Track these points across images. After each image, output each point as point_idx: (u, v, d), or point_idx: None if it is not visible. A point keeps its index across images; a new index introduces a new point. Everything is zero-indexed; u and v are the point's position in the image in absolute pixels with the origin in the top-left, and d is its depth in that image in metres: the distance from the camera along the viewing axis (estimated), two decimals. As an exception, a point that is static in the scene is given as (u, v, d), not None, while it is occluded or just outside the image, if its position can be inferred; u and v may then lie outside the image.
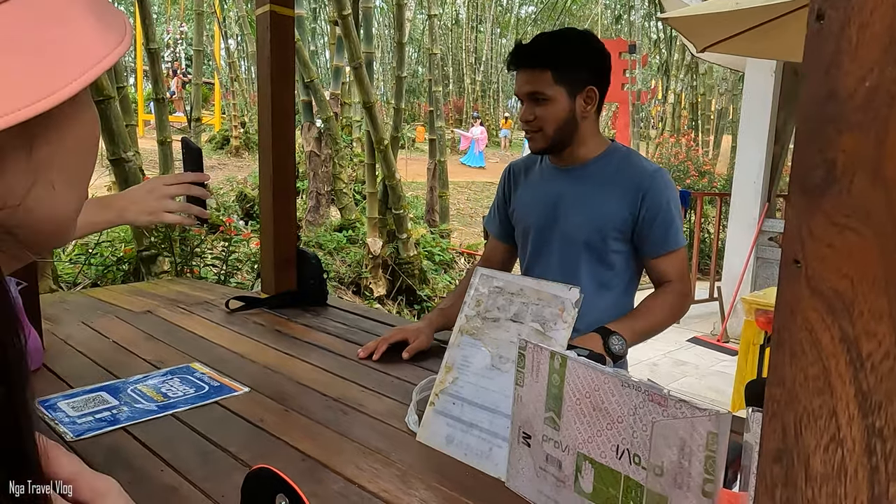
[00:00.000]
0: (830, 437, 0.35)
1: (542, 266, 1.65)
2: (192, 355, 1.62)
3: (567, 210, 1.59)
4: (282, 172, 2.10)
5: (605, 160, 1.58)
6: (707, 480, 0.77)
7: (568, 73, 1.49)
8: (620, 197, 1.53)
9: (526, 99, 1.53)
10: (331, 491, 1.02)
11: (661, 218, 1.51)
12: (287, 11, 2.01)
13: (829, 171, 0.34)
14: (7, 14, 0.30)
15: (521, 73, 1.52)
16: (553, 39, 1.54)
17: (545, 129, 1.52)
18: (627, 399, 0.86)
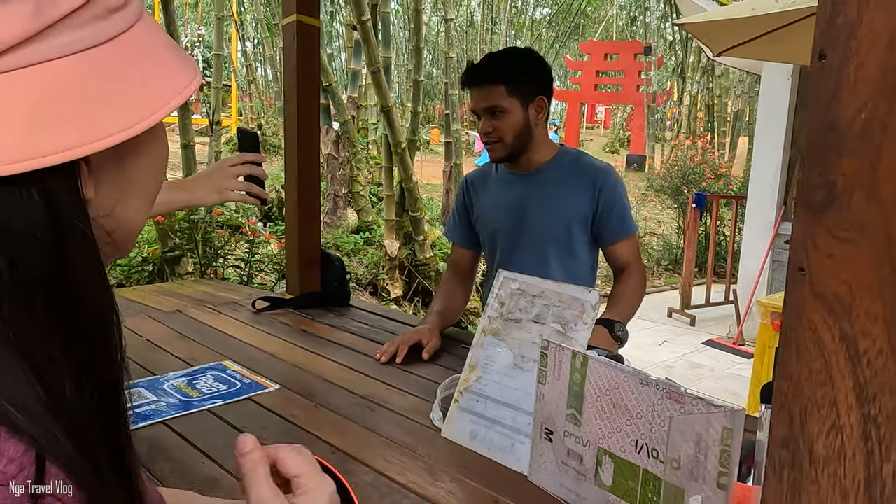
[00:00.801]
0: (831, 424, 0.40)
1: (515, 265, 1.75)
2: (223, 353, 1.69)
3: (533, 211, 1.74)
4: (307, 177, 2.16)
5: (558, 162, 1.75)
6: (722, 473, 0.82)
7: (519, 86, 1.64)
8: (579, 193, 1.70)
9: (483, 113, 1.67)
10: (362, 482, 1.08)
11: (616, 208, 1.70)
12: (313, 21, 2.07)
13: (830, 190, 0.39)
14: (110, 51, 0.37)
15: (476, 90, 1.66)
16: (502, 57, 1.72)
17: (504, 139, 1.67)
18: (646, 396, 0.90)
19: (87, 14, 0.36)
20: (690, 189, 7.65)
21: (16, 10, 0.32)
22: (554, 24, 25.52)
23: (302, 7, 2.03)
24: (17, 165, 0.32)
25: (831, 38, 0.37)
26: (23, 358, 0.34)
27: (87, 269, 0.38)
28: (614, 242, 1.74)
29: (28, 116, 0.33)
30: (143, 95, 0.38)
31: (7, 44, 0.32)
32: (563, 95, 18.67)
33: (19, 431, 0.34)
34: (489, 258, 1.90)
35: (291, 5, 2.03)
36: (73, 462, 0.35)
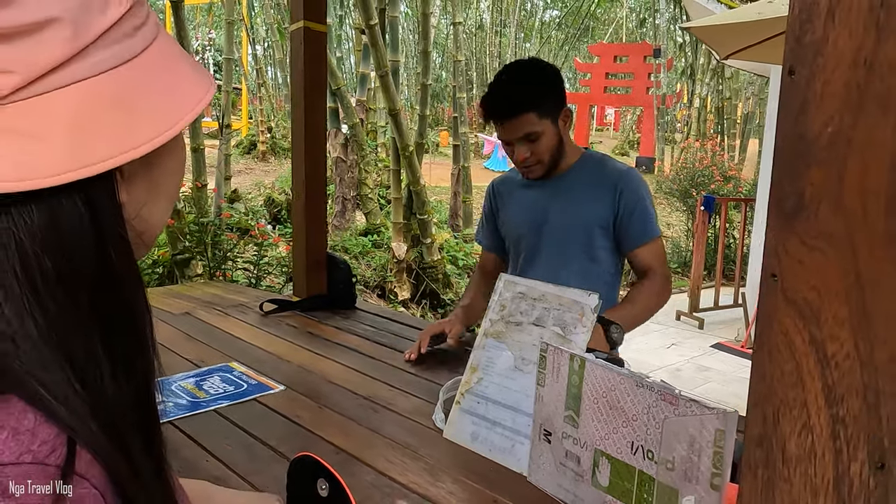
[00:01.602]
0: (802, 424, 0.41)
1: (535, 269, 1.77)
2: (230, 355, 1.71)
3: (555, 216, 1.73)
4: (313, 180, 2.19)
5: (581, 167, 1.74)
6: (715, 474, 0.83)
7: (547, 107, 1.63)
8: (600, 196, 1.68)
9: (517, 142, 1.65)
10: (364, 482, 1.10)
11: (638, 211, 1.67)
12: (320, 27, 2.10)
13: (799, 199, 0.40)
14: (137, 66, 0.40)
15: (506, 124, 1.64)
16: (522, 84, 1.65)
17: (542, 160, 1.67)
18: (642, 398, 0.92)
19: (116, 33, 0.39)
20: (699, 192, 7.63)
21: (55, 35, 0.36)
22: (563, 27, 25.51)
23: (309, 13, 2.06)
24: (64, 176, 0.35)
25: (799, 55, 0.39)
26: (64, 353, 0.37)
27: (124, 269, 0.41)
28: (636, 247, 1.71)
29: (70, 131, 0.36)
30: (168, 106, 0.41)
31: (49, 66, 0.36)
32: (572, 98, 18.62)
33: (54, 418, 0.36)
34: (512, 262, 1.90)
35: (299, 12, 2.06)
36: (107, 451, 0.38)
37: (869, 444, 0.39)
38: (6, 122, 0.35)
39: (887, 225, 0.37)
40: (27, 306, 0.36)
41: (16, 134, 0.35)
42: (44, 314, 0.37)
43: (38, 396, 0.37)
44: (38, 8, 0.35)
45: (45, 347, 0.37)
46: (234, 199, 7.94)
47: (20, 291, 0.36)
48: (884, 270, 0.38)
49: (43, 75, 0.35)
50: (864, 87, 0.37)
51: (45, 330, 0.37)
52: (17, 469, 0.34)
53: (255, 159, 14.87)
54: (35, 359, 0.37)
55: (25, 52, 0.35)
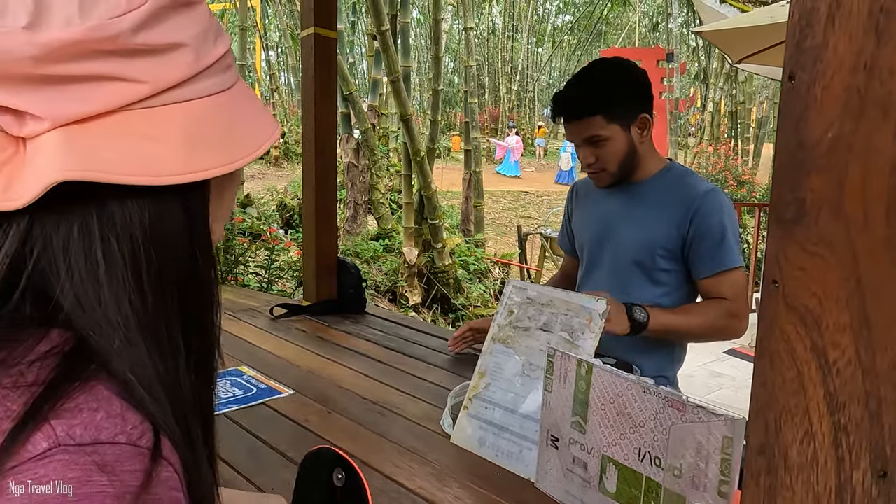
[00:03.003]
0: (804, 432, 0.41)
1: (593, 282, 1.65)
2: (240, 359, 1.72)
3: (618, 227, 1.59)
4: (324, 186, 2.20)
5: (660, 179, 1.58)
6: (723, 482, 0.82)
7: (618, 111, 1.49)
8: (670, 215, 1.51)
9: (582, 144, 1.54)
10: (371, 487, 1.09)
11: (710, 236, 1.47)
12: (330, 33, 2.12)
13: (799, 206, 0.40)
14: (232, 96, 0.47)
15: (571, 122, 1.53)
16: (595, 83, 1.53)
17: (608, 168, 1.54)
18: (649, 405, 0.91)
19: (220, 65, 0.46)
20: (712, 196, 7.58)
21: (182, 58, 0.42)
22: (575, 31, 25.49)
23: (319, 20, 2.07)
24: (179, 177, 0.40)
25: (800, 60, 0.39)
26: (152, 342, 0.41)
27: (207, 268, 0.46)
28: (708, 276, 1.50)
29: (186, 139, 0.42)
30: (253, 133, 0.47)
31: (174, 82, 0.42)
32: (584, 102, 18.48)
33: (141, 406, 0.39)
34: (579, 273, 1.76)
35: (310, 18, 2.08)
36: (180, 440, 0.41)
37: (871, 453, 0.39)
38: (136, 125, 0.41)
39: (888, 231, 0.37)
40: (128, 292, 0.40)
41: (143, 137, 0.40)
42: (142, 302, 0.41)
43: (127, 383, 0.40)
44: (173, 33, 0.42)
45: (137, 334, 0.40)
46: (247, 204, 7.99)
47: (123, 277, 0.40)
48: (885, 276, 0.38)
49: (168, 89, 0.42)
50: (865, 91, 0.37)
51: (140, 317, 0.40)
52: (114, 448, 0.37)
53: (267, 164, 14.96)
54: (125, 344, 0.40)
55: (158, 67, 0.41)
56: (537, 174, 18.92)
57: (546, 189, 16.01)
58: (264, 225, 5.89)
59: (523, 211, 13.59)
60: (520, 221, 11.08)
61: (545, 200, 14.65)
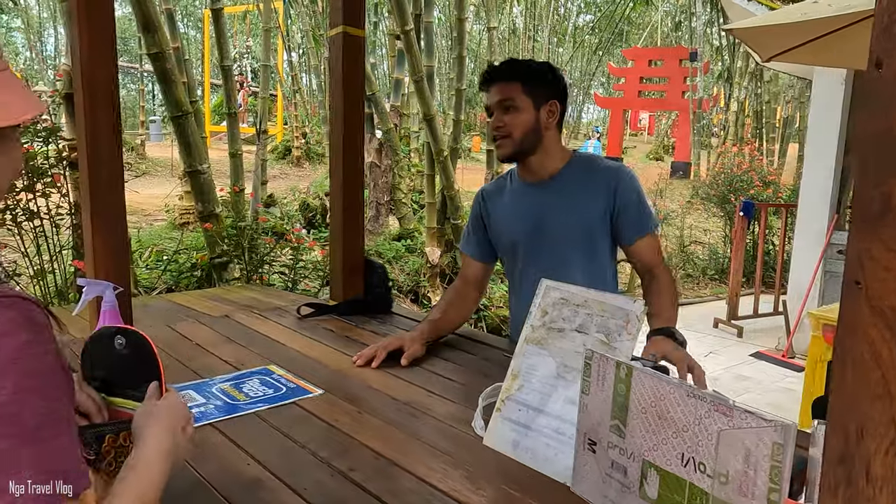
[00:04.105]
0: (890, 442, 0.39)
1: (535, 271, 1.72)
2: (269, 358, 1.72)
3: (551, 219, 1.74)
4: (351, 185, 2.20)
5: (572, 168, 1.76)
6: (772, 490, 0.80)
7: (534, 87, 1.69)
8: (596, 194, 1.70)
9: (496, 108, 1.71)
10: (404, 488, 1.09)
11: (633, 204, 1.70)
12: (358, 32, 2.11)
13: (885, 202, 0.38)
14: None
15: (494, 86, 1.72)
16: (521, 61, 1.79)
17: (513, 135, 1.69)
18: (693, 409, 0.89)
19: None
20: (737, 197, 7.47)
21: None
22: (597, 31, 25.31)
23: (348, 19, 2.07)
24: None
25: (888, 47, 0.37)
26: None
27: None
28: (634, 241, 1.73)
29: None
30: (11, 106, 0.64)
31: None
32: (606, 102, 18.48)
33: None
34: (509, 269, 1.89)
35: (338, 17, 2.08)
36: None
37: (964, 464, 0.37)
38: None
39: None
40: None
41: None
42: None
43: None
44: None
45: None
46: (270, 204, 8.04)
47: None
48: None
49: None
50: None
51: None
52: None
53: (289, 164, 15.05)
54: None
55: None
56: (558, 174, 18.75)
57: (567, 189, 15.83)
58: (287, 225, 5.92)
59: (544, 211, 13.47)
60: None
61: (566, 201, 14.49)
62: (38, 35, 26.34)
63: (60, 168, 3.64)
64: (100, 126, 1.72)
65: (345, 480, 1.10)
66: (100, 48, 1.67)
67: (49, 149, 3.60)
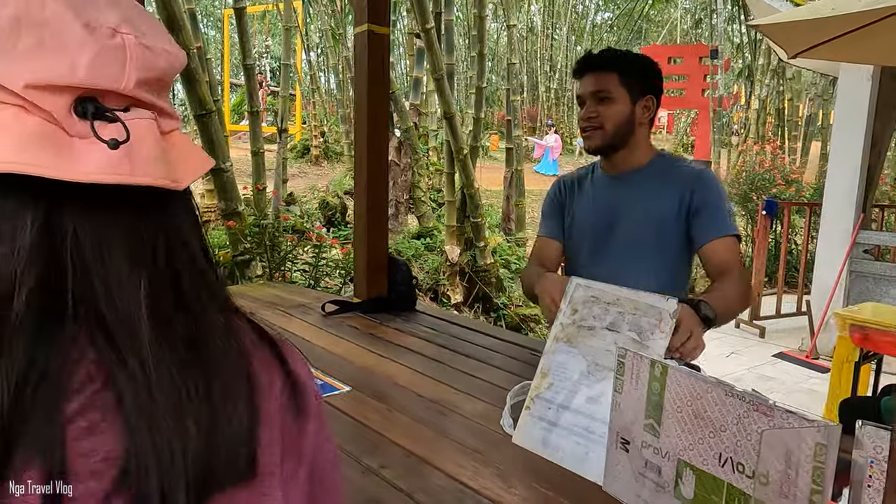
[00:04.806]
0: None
1: (602, 268, 1.66)
2: (296, 355, 1.73)
3: (627, 214, 1.69)
4: (375, 183, 2.20)
5: (654, 165, 1.71)
6: (815, 491, 0.78)
7: (632, 79, 1.63)
8: (673, 193, 1.64)
9: (590, 98, 1.65)
10: (435, 486, 1.09)
11: (711, 205, 1.62)
12: (383, 30, 2.11)
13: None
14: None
15: (589, 75, 1.66)
16: (620, 51, 1.72)
17: (605, 127, 1.64)
18: (731, 408, 0.88)
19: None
20: (760, 196, 7.39)
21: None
22: (616, 29, 25.14)
23: (373, 17, 2.07)
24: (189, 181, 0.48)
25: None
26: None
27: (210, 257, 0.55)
28: (709, 241, 1.61)
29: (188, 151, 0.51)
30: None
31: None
32: (624, 100, 18.22)
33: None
34: (572, 261, 1.83)
35: (363, 15, 2.08)
36: None
37: None
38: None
39: None
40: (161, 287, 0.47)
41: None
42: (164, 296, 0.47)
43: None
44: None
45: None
46: (290, 202, 8.09)
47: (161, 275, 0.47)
48: None
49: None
50: None
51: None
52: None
53: (308, 163, 15.12)
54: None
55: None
56: (576, 173, 18.68)
57: (585, 188, 15.76)
58: (307, 223, 5.95)
59: (562, 210, 13.42)
60: (559, 221, 10.94)
61: (585, 200, 14.42)
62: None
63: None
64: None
65: (376, 478, 1.10)
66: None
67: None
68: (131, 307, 0.43)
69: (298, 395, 0.52)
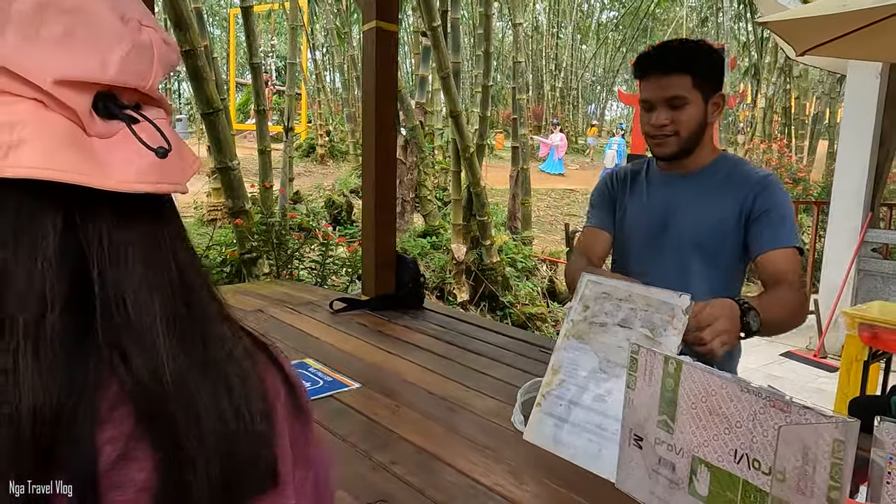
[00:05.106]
0: None
1: (653, 270, 1.59)
2: (304, 352, 1.73)
3: (680, 214, 1.59)
4: (384, 180, 2.20)
5: (716, 167, 1.60)
6: (833, 488, 0.78)
7: (704, 79, 1.50)
8: (733, 197, 1.53)
9: (661, 104, 1.51)
10: (447, 482, 1.08)
11: (773, 213, 1.50)
12: (391, 27, 2.11)
13: None
14: None
15: (656, 78, 1.51)
16: (687, 46, 1.55)
17: (681, 133, 1.52)
18: (747, 404, 0.87)
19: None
20: (767, 194, 7.36)
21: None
22: (621, 28, 25.09)
23: (382, 13, 2.07)
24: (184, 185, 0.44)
25: None
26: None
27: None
28: (767, 251, 1.48)
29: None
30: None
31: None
32: (630, 99, 18.32)
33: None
34: (619, 258, 1.74)
35: (371, 12, 2.07)
36: None
37: None
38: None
39: None
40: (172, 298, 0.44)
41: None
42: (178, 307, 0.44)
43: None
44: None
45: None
46: (296, 201, 8.10)
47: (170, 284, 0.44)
48: None
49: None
50: None
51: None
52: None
53: (314, 162, 15.14)
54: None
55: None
56: (581, 172, 18.70)
57: (591, 187, 15.76)
58: (314, 221, 5.96)
59: (568, 209, 13.44)
60: (565, 219, 10.97)
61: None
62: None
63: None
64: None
65: (387, 473, 1.10)
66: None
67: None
68: (149, 318, 0.40)
69: (298, 400, 0.50)
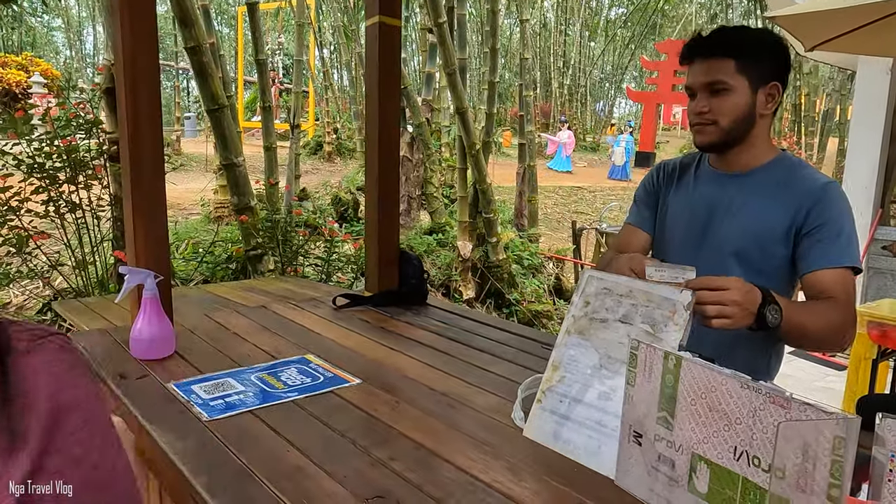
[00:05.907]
0: None
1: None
2: (306, 347, 1.72)
3: (721, 218, 1.49)
4: (386, 177, 2.19)
5: (772, 169, 1.48)
6: (833, 485, 0.76)
7: (752, 64, 1.40)
8: (784, 206, 1.42)
9: (701, 90, 1.44)
10: (445, 478, 1.07)
11: (827, 229, 1.37)
12: (395, 22, 2.10)
13: None
14: None
15: (699, 63, 1.44)
16: (736, 29, 1.47)
17: (720, 122, 1.43)
18: (747, 401, 0.86)
19: None
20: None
21: None
22: (630, 25, 24.98)
23: (384, 8, 2.06)
24: None
25: None
26: None
27: None
28: (812, 270, 1.36)
29: None
30: None
31: None
32: (638, 96, 18.29)
33: None
34: (657, 257, 1.59)
35: (374, 7, 2.07)
36: None
37: None
38: None
39: None
40: None
41: None
42: None
43: None
44: None
45: None
46: (303, 198, 8.11)
47: None
48: None
49: None
50: None
51: None
52: None
53: (321, 160, 15.18)
54: None
55: None
56: (589, 169, 18.65)
57: (598, 184, 15.76)
58: (320, 219, 5.96)
59: (576, 206, 13.41)
60: (573, 217, 10.94)
61: (598, 196, 14.42)
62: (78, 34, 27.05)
63: (101, 160, 3.72)
64: (142, 113, 1.72)
65: (385, 469, 1.09)
66: (142, 37, 1.68)
67: (91, 142, 3.68)
68: None
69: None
